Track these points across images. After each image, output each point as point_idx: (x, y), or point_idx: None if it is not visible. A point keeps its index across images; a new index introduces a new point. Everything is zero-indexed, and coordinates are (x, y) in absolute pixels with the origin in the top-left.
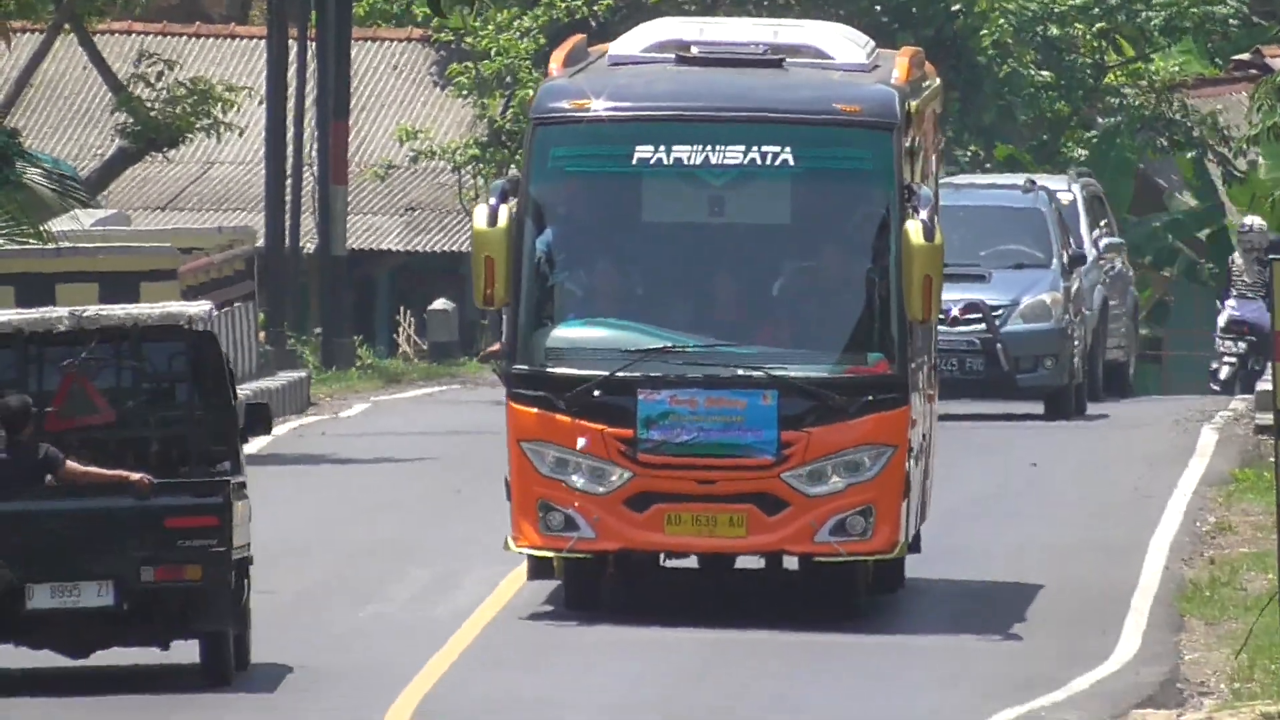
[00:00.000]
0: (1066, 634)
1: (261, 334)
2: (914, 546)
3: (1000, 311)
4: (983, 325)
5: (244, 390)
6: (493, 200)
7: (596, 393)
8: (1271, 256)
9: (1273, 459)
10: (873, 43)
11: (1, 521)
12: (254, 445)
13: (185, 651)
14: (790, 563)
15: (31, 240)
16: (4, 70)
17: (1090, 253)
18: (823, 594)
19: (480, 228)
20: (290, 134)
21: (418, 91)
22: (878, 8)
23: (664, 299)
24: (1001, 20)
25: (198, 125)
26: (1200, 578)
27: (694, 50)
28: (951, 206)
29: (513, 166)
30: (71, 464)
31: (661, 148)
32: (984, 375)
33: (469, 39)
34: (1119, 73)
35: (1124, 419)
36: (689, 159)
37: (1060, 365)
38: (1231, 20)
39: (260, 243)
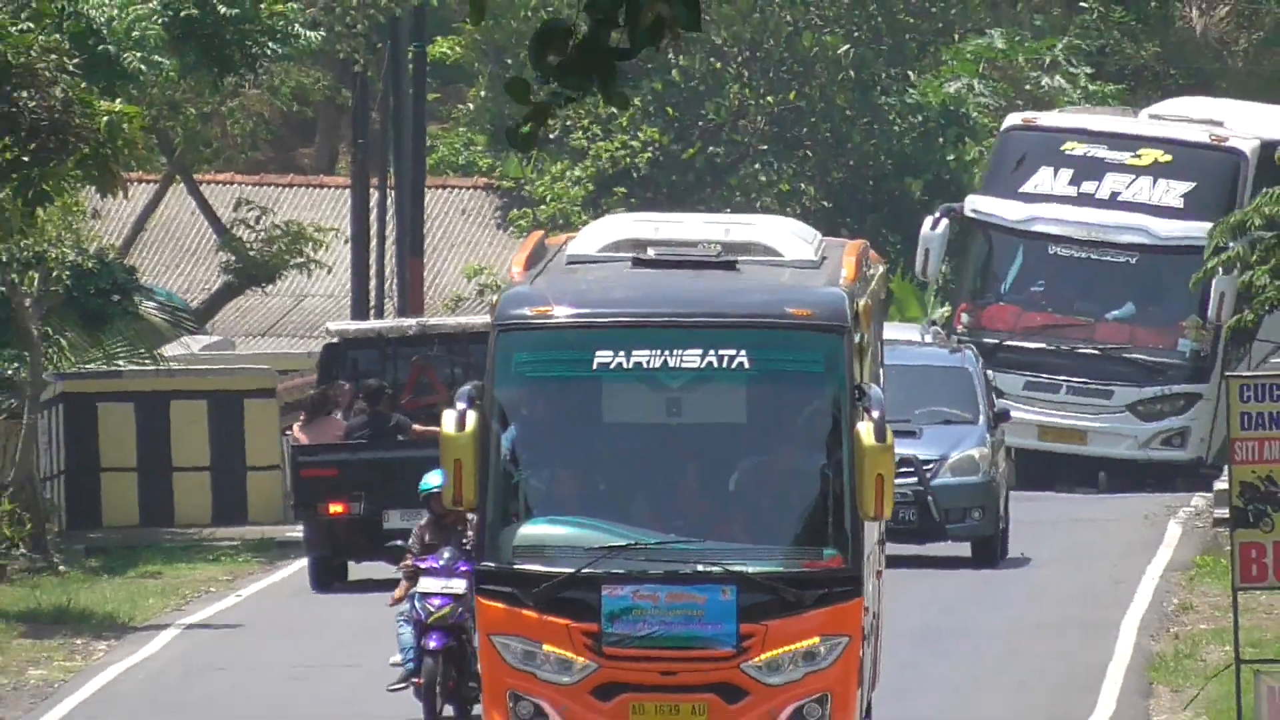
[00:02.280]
0: (1051, 699)
1: None
2: (866, 715)
3: (930, 466)
4: (914, 479)
5: None
6: (460, 405)
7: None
8: (1227, 375)
9: (1228, 548)
10: (819, 236)
11: (366, 466)
12: None
13: None
14: None
15: (148, 362)
16: (123, 216)
17: None
18: None
19: (448, 433)
20: (372, 270)
21: (483, 233)
22: (883, 157)
23: (626, 497)
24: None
25: (291, 263)
26: (1166, 651)
27: (650, 252)
28: (886, 366)
29: None
30: (417, 427)
31: (621, 352)
32: (916, 525)
33: (527, 187)
34: None
35: (1099, 515)
36: (648, 363)
37: (987, 515)
38: None
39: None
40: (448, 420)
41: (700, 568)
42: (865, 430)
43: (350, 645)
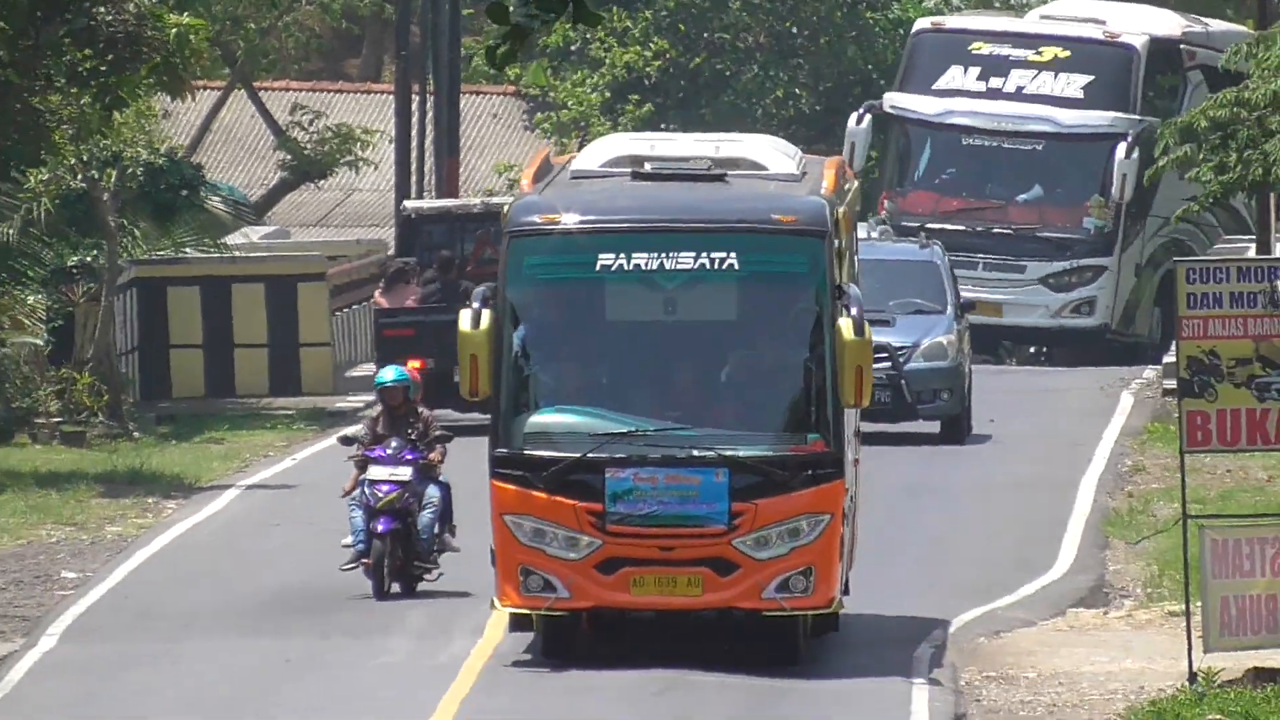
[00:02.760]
0: (1018, 550)
1: None
2: (844, 590)
3: (904, 351)
4: (889, 363)
5: (375, 367)
6: (475, 305)
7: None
8: (1176, 259)
9: (1176, 415)
10: (800, 153)
11: (439, 327)
12: None
13: None
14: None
15: (212, 250)
16: (190, 119)
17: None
18: (766, 640)
19: (465, 330)
20: (413, 167)
21: (511, 134)
22: (870, 66)
23: (627, 388)
24: None
25: (341, 161)
26: (1121, 507)
27: (647, 166)
28: (862, 260)
29: None
30: None
31: (622, 255)
32: (891, 406)
33: (551, 94)
34: None
35: (1060, 385)
36: (646, 265)
37: (955, 397)
38: None
39: (390, 252)
40: (464, 318)
41: (695, 452)
42: (846, 325)
43: None
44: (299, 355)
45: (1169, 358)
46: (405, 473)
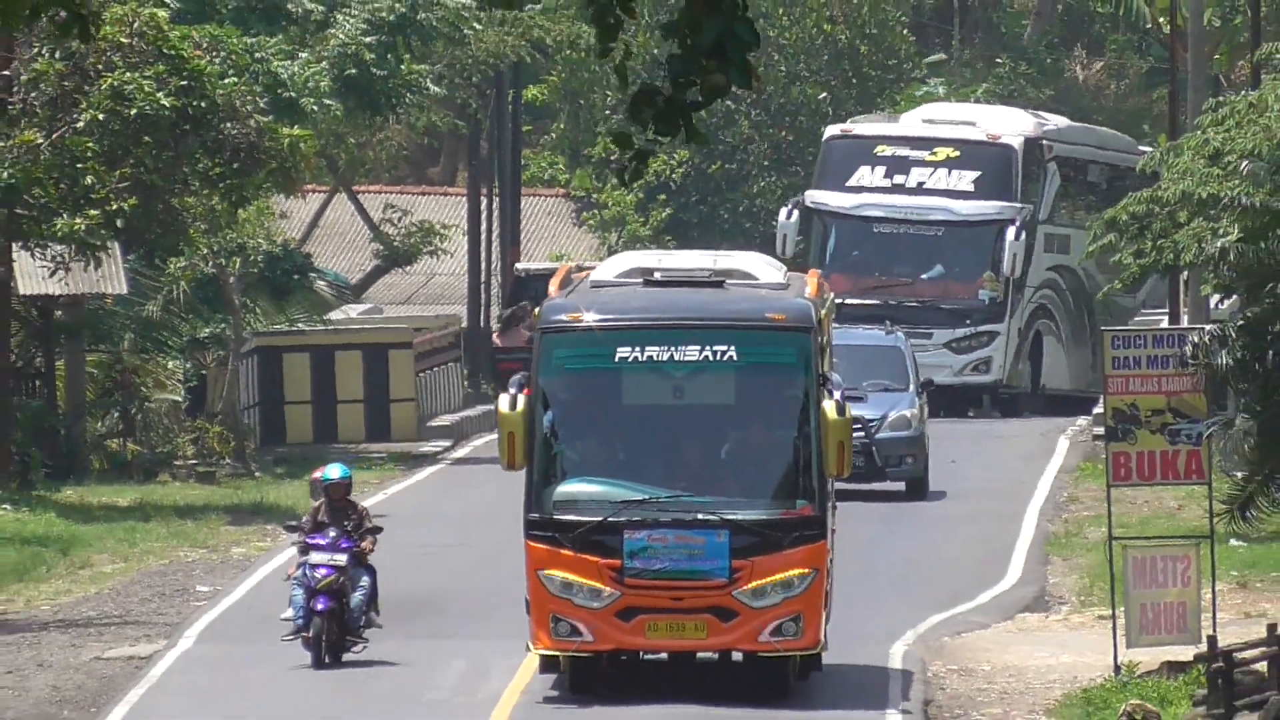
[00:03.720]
0: (975, 567)
1: (465, 383)
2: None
3: (874, 423)
4: (862, 433)
5: (452, 418)
6: (512, 390)
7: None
8: (1104, 329)
9: (1104, 456)
10: (785, 267)
11: None
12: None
13: None
14: (736, 655)
15: (319, 324)
16: (302, 217)
17: None
18: (761, 678)
19: (503, 411)
20: (483, 255)
21: (562, 228)
22: None
23: (642, 462)
24: None
25: (424, 250)
26: (1059, 531)
27: (656, 275)
28: (837, 345)
29: None
30: None
31: (637, 348)
32: (863, 469)
33: (595, 195)
34: None
35: (1008, 433)
36: (658, 356)
37: (918, 462)
38: None
39: (464, 325)
40: (502, 401)
41: (700, 516)
42: (829, 407)
43: (464, 530)
44: (389, 409)
45: (1098, 409)
46: (341, 559)
